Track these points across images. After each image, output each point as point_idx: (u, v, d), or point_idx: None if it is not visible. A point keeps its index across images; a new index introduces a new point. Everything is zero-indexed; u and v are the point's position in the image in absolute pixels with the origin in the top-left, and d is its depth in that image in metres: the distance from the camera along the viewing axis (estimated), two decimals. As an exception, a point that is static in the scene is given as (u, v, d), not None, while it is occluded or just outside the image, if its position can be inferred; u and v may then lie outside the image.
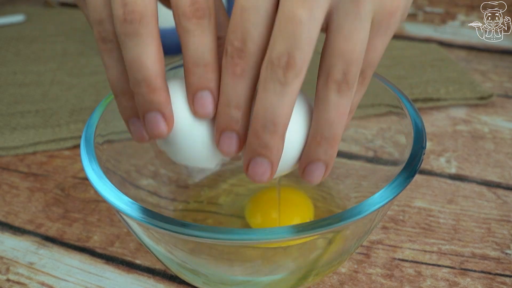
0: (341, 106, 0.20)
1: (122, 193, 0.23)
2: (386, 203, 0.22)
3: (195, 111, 0.21)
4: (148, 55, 0.20)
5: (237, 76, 0.20)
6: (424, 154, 0.25)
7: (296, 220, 0.31)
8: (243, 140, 0.21)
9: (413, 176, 0.23)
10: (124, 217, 0.23)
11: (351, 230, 0.24)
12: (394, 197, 0.22)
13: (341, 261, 0.27)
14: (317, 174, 0.22)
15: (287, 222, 0.30)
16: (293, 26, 0.19)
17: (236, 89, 0.20)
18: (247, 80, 0.20)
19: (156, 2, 0.21)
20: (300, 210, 0.31)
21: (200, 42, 0.21)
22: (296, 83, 0.19)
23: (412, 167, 0.24)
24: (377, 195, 0.22)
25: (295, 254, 0.28)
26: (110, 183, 0.24)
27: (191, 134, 0.22)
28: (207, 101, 0.21)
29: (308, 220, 0.28)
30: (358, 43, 0.20)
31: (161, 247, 0.25)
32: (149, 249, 0.26)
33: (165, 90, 0.21)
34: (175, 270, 0.27)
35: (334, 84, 0.20)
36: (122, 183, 0.28)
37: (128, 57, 0.21)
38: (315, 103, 0.21)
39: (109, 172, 0.26)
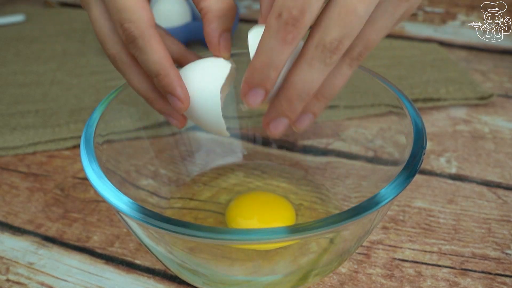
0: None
1: (122, 193, 0.23)
2: (386, 203, 0.22)
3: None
4: (155, 56, 0.24)
5: (287, 43, 0.21)
6: (424, 154, 0.25)
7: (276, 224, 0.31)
8: (267, 95, 0.23)
9: (413, 176, 0.23)
10: (124, 217, 0.23)
11: (351, 230, 0.24)
12: (394, 197, 0.22)
13: (341, 261, 0.27)
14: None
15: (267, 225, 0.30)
16: (351, 18, 0.20)
17: (282, 54, 0.21)
18: (292, 47, 0.21)
19: (149, 10, 0.24)
20: (281, 215, 0.31)
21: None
22: (334, 64, 0.22)
23: (412, 167, 0.24)
24: (377, 195, 0.22)
25: (295, 254, 0.28)
26: (110, 183, 0.24)
27: (202, 108, 0.25)
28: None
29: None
30: (381, 32, 0.22)
31: (161, 247, 0.25)
32: (149, 249, 0.26)
33: (175, 76, 0.24)
34: (175, 270, 0.27)
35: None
36: (122, 183, 0.28)
37: (140, 61, 0.24)
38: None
39: (109, 172, 0.26)
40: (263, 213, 0.31)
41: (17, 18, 0.64)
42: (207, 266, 0.26)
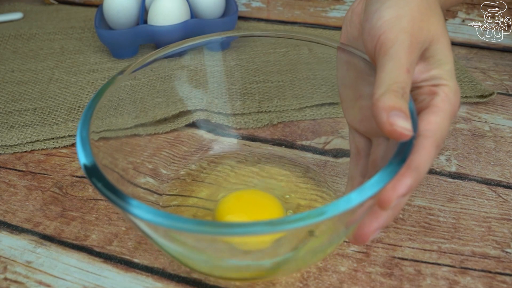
0: None
1: (120, 190, 0.23)
2: (377, 191, 0.21)
3: None
4: None
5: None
6: (415, 138, 0.24)
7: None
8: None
9: (403, 162, 0.23)
10: (128, 215, 0.23)
11: (341, 218, 0.24)
12: (383, 186, 0.22)
13: (330, 248, 0.26)
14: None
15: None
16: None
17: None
18: None
19: None
20: (270, 212, 0.31)
21: None
22: None
23: (402, 153, 0.23)
24: (368, 183, 0.22)
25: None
26: (108, 180, 0.23)
27: None
28: None
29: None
30: None
31: (164, 239, 0.25)
32: (152, 241, 0.26)
33: None
34: (175, 254, 0.26)
35: None
36: (120, 181, 0.28)
37: None
38: None
39: (106, 170, 0.25)
40: (252, 211, 0.31)
41: (15, 15, 0.64)
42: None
